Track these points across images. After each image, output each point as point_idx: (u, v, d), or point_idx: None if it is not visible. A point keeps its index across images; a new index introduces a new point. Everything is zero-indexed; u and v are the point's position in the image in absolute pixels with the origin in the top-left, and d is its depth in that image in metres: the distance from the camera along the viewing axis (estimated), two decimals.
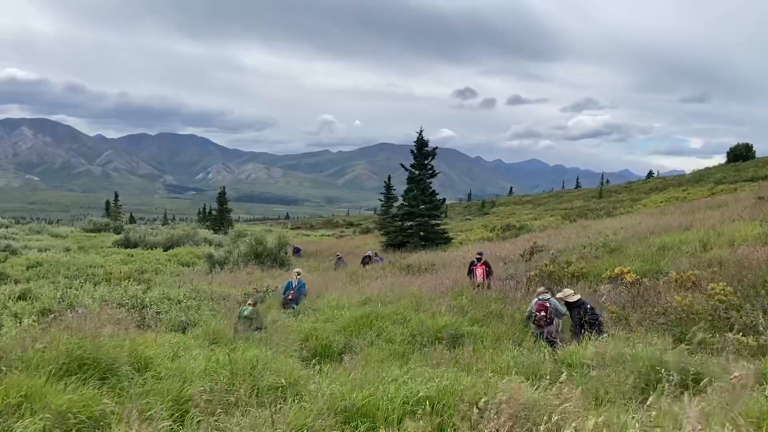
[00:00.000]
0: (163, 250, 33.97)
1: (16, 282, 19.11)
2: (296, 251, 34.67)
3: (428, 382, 5.66)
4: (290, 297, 14.79)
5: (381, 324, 10.96)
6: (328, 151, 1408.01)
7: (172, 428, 4.85)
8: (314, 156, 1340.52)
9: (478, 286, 14.74)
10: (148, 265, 26.56)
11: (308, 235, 68.09)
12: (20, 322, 10.68)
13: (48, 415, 5.05)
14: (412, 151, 40.38)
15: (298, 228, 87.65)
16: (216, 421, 5.18)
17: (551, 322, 10.24)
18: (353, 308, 12.62)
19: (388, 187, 54.68)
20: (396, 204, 47.84)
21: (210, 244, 37.52)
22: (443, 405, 4.94)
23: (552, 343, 9.57)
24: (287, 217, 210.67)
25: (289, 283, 15.44)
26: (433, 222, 39.55)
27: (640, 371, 6.51)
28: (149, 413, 5.07)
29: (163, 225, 70.40)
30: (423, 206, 39.15)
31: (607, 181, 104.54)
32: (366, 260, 26.18)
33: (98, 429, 5.00)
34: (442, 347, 9.08)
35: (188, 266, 27.50)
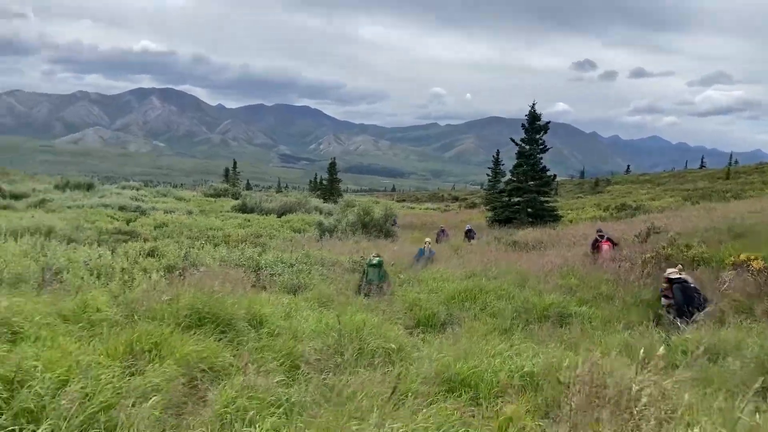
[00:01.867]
0: (277, 217, 35.42)
1: (145, 240, 20.68)
2: (393, 223, 35.12)
3: (533, 357, 5.58)
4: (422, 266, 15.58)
5: (485, 298, 10.89)
6: (437, 124, 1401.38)
7: (285, 382, 5.09)
8: (422, 129, 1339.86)
9: (601, 262, 14.49)
10: (263, 229, 27.81)
11: (413, 208, 68.52)
12: (149, 277, 11.62)
13: (174, 363, 5.47)
14: (523, 125, 39.28)
15: (404, 200, 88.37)
16: (325, 379, 5.39)
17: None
18: (457, 281, 12.61)
19: (497, 161, 53.76)
20: (504, 179, 46.96)
21: (320, 212, 38.67)
22: (549, 382, 4.85)
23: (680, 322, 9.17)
24: (393, 189, 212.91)
25: (421, 251, 16.63)
26: (542, 199, 38.45)
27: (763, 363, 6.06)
28: (264, 367, 5.36)
29: (277, 192, 73.50)
30: (532, 182, 38.13)
31: (736, 162, 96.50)
32: (468, 234, 26.11)
33: (218, 378, 5.34)
34: (548, 326, 8.90)
35: (299, 232, 28.51)
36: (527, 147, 38.70)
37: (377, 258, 12.94)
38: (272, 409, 3.93)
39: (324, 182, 78.73)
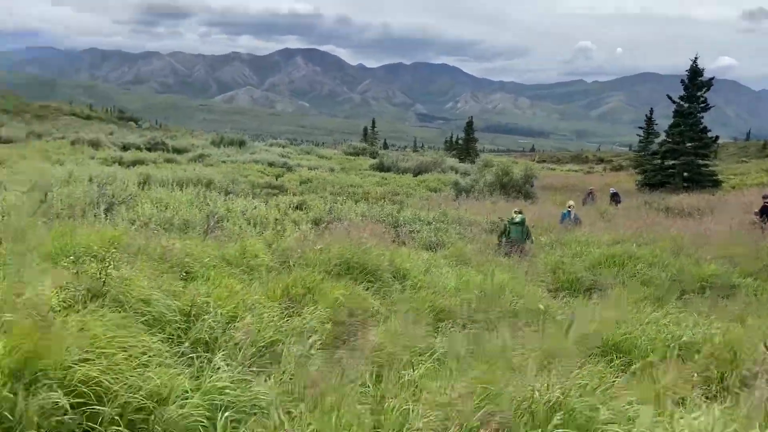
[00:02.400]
0: (413, 176, 35.84)
1: (293, 194, 21.87)
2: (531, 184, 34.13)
3: (693, 328, 5.27)
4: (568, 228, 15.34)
5: (634, 265, 10.37)
6: (582, 81, 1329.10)
7: (430, 333, 5.24)
8: (566, 86, 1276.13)
9: None
10: (399, 188, 28.32)
11: (554, 169, 66.09)
12: (299, 228, 12.34)
13: (326, 306, 5.81)
14: (682, 81, 36.10)
15: (544, 161, 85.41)
16: (466, 333, 5.47)
17: None
18: (603, 246, 12.09)
19: (649, 121, 50.02)
20: (657, 140, 43.70)
21: (456, 172, 38.52)
22: (711, 353, 4.56)
23: None
24: (532, 149, 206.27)
25: (565, 214, 16.26)
26: (701, 162, 35.41)
27: None
28: (410, 317, 5.54)
29: (413, 152, 74.16)
30: (690, 144, 35.18)
31: None
32: (614, 198, 24.84)
33: (365, 324, 5.60)
34: (707, 297, 8.31)
35: (435, 192, 28.67)
36: (686, 105, 35.64)
37: (520, 216, 12.76)
38: (422, 357, 4.07)
39: (460, 142, 78.13)
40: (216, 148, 41.69)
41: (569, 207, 16.67)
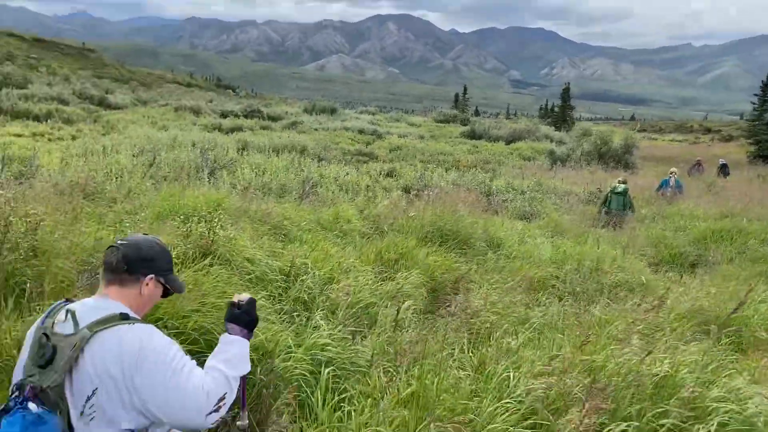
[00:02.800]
0: (505, 144, 35.06)
1: (383, 161, 22.00)
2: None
3: None
4: (667, 194, 14.84)
5: (744, 241, 9.70)
6: (690, 45, 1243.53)
7: (526, 302, 5.16)
8: (672, 50, 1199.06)
9: None
10: (491, 156, 27.80)
11: (655, 139, 62.64)
12: (389, 195, 12.44)
13: (419, 272, 5.85)
14: None
15: (644, 131, 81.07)
16: (563, 305, 5.35)
17: None
18: (709, 220, 11.39)
19: (766, 87, 46.12)
20: None
21: (551, 140, 37.31)
22: None
23: None
24: (633, 118, 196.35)
25: (665, 181, 15.57)
26: None
27: None
28: (506, 285, 5.48)
29: (506, 119, 72.46)
30: None
31: None
32: (722, 169, 23.31)
33: (459, 291, 5.60)
34: None
35: (529, 160, 27.96)
36: None
37: (622, 185, 12.30)
38: (519, 326, 4.02)
39: (555, 109, 75.28)
40: (308, 116, 42.53)
41: (671, 173, 15.85)
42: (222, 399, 1.84)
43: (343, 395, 2.82)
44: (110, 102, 40.88)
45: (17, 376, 1.84)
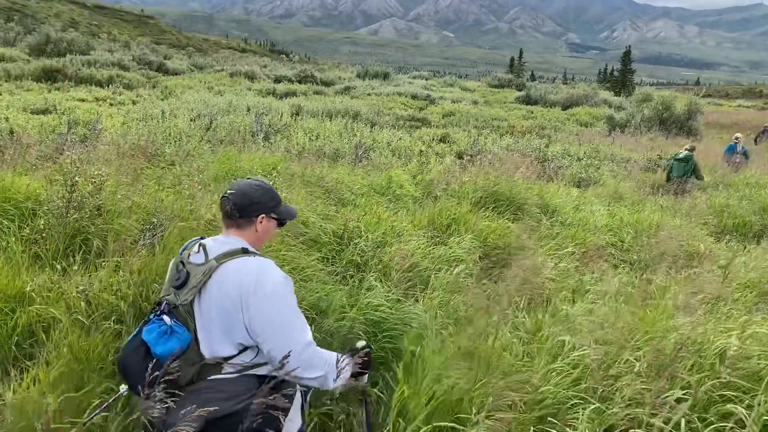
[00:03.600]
0: (562, 109, 34.20)
1: (436, 127, 21.79)
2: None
3: None
4: (736, 161, 14.30)
5: None
6: (762, 4, 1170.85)
7: (580, 269, 5.08)
8: (742, 11, 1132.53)
9: None
10: (547, 122, 27.18)
11: (721, 105, 59.84)
12: (442, 161, 12.34)
13: (472, 237, 5.81)
14: None
15: (710, 96, 77.48)
16: (618, 273, 5.23)
17: None
18: None
19: None
20: None
21: (609, 106, 36.14)
22: None
23: None
24: (697, 82, 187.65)
25: (731, 146, 15.15)
26: None
27: None
28: (561, 253, 5.40)
29: (563, 84, 70.43)
30: None
31: None
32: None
33: (513, 256, 5.54)
34: None
35: (586, 126, 27.21)
36: None
37: (685, 152, 11.97)
38: (575, 293, 3.97)
39: (615, 73, 72.65)
40: (361, 81, 42.39)
41: (736, 139, 15.21)
42: (311, 367, 2.04)
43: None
44: (168, 68, 41.74)
45: (165, 289, 2.23)
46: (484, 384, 2.35)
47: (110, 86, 26.59)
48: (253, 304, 2.00)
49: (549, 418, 2.40)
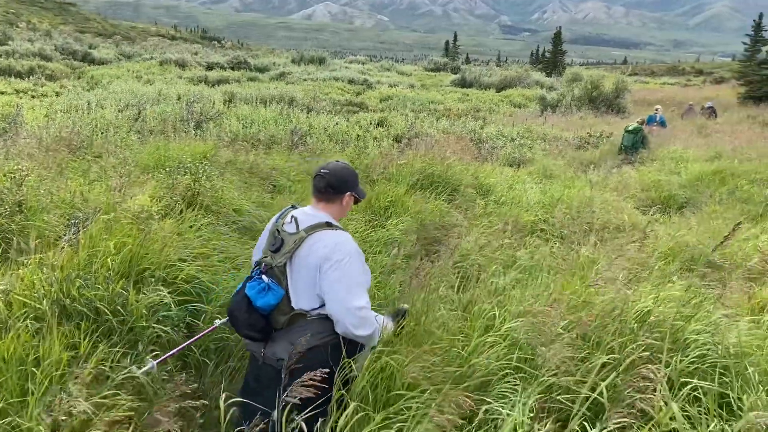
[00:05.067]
0: (496, 91, 34.74)
1: (373, 111, 21.77)
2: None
3: None
4: (653, 128, 15.46)
5: (736, 183, 9.74)
6: None
7: (514, 246, 5.20)
8: None
9: None
10: (482, 104, 27.58)
11: (647, 83, 62.12)
12: (380, 145, 12.35)
13: (409, 219, 5.87)
14: None
15: (636, 74, 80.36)
16: (552, 248, 5.39)
17: None
18: (700, 162, 11.42)
19: (758, 27, 45.40)
20: (765, 49, 39.90)
21: (541, 86, 36.97)
22: None
23: None
24: (625, 61, 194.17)
25: (651, 117, 15.99)
26: None
27: None
28: (493, 228, 5.51)
29: (496, 66, 71.54)
30: None
31: None
32: (709, 111, 23.64)
33: (449, 236, 5.63)
34: None
35: (519, 107, 27.78)
36: None
37: (635, 124, 13.23)
38: (506, 268, 4.06)
39: (547, 55, 74.32)
40: (296, 66, 41.78)
41: (656, 110, 16.23)
42: (362, 326, 2.43)
43: None
44: (94, 57, 39.95)
45: (256, 255, 2.71)
46: (414, 359, 2.39)
47: (31, 77, 25.28)
48: (326, 269, 2.42)
49: (483, 391, 2.47)
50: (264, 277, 2.50)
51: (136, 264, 3.10)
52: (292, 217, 2.60)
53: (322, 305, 2.47)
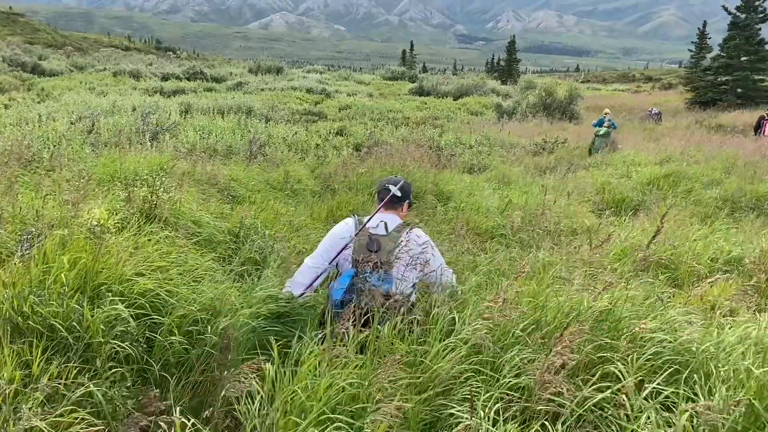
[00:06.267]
0: (453, 99, 35.17)
1: (333, 120, 21.78)
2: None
3: (743, 244, 5.16)
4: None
5: (686, 185, 10.08)
6: None
7: (473, 251, 5.27)
8: (614, 1, 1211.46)
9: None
10: (440, 112, 27.88)
11: (599, 89, 63.83)
12: (340, 154, 12.35)
13: None
14: None
15: (588, 81, 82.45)
16: (511, 253, 5.48)
17: None
18: (651, 166, 11.78)
19: (702, 35, 47.22)
20: (709, 56, 41.48)
21: (497, 94, 37.62)
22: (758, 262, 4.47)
23: None
24: (577, 69, 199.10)
25: (600, 121, 16.35)
26: (757, 77, 33.61)
27: None
28: (449, 236, 5.58)
29: (453, 75, 72.45)
30: (745, 58, 33.35)
31: None
32: (656, 117, 24.69)
33: None
34: (760, 215, 8.08)
35: (476, 115, 28.17)
36: (742, 16, 33.51)
37: (605, 128, 15.47)
38: (466, 273, 4.12)
39: (502, 63, 75.74)
40: (254, 76, 41.52)
41: (605, 113, 16.89)
42: (451, 280, 3.48)
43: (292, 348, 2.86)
44: (44, 68, 38.96)
45: (324, 259, 3.45)
46: (375, 373, 2.40)
47: None
48: (420, 252, 3.25)
49: (443, 397, 2.49)
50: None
51: (92, 279, 3.03)
52: (382, 222, 3.32)
53: (413, 291, 3.25)
